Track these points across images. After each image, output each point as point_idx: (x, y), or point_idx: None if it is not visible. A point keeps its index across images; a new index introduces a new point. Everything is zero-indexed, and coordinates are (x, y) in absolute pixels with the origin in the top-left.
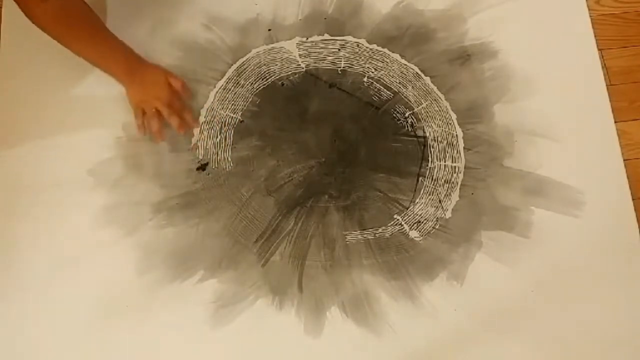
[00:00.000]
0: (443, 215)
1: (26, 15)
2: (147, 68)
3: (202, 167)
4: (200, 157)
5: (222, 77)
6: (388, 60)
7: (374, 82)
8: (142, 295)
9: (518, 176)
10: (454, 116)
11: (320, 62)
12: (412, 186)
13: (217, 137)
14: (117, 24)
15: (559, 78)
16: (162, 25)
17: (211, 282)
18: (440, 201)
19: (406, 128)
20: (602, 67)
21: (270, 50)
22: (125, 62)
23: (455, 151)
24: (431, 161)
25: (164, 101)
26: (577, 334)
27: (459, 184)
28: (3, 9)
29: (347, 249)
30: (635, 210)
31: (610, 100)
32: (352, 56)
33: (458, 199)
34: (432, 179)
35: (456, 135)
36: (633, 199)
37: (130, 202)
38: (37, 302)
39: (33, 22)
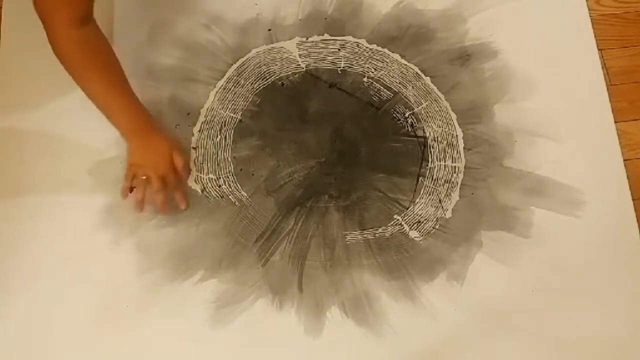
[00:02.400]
0: (443, 215)
1: (50, 40)
2: (155, 134)
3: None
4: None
5: (222, 77)
6: (388, 60)
7: (374, 82)
8: (142, 295)
9: (518, 176)
10: (454, 116)
11: (320, 62)
12: (412, 186)
13: (217, 137)
14: (117, 24)
15: (559, 78)
16: (162, 25)
17: (211, 282)
18: (440, 201)
19: (406, 128)
20: (602, 67)
21: (270, 50)
22: (136, 121)
23: (455, 151)
24: (431, 161)
25: (159, 173)
26: (577, 333)
27: (459, 184)
28: (3, 9)
29: (347, 249)
30: (635, 210)
31: (610, 100)
32: (352, 56)
33: (458, 199)
34: (432, 179)
35: (456, 135)
36: (633, 199)
37: (131, 202)
38: (37, 302)
39: (54, 49)
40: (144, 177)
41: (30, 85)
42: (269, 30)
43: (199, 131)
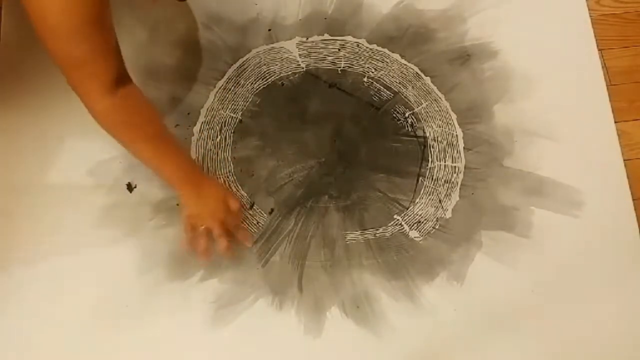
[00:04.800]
0: (443, 215)
1: (87, 108)
2: (207, 182)
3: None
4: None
5: (222, 77)
6: (388, 60)
7: (374, 82)
8: (142, 295)
9: (518, 176)
10: (454, 116)
11: (320, 62)
12: (412, 186)
13: (217, 137)
14: (117, 24)
15: (559, 78)
16: (162, 25)
17: (211, 282)
18: (440, 201)
19: (406, 128)
20: (602, 67)
21: (270, 50)
22: (185, 172)
23: (455, 151)
24: (431, 161)
25: (218, 219)
26: (577, 333)
27: (459, 184)
28: (3, 9)
29: (347, 249)
30: (635, 210)
31: (610, 100)
32: (352, 56)
33: (458, 199)
34: (432, 179)
35: (456, 135)
36: (633, 199)
37: (130, 202)
38: (37, 302)
39: (94, 118)
40: (203, 227)
41: (30, 85)
42: (269, 30)
43: (199, 131)
